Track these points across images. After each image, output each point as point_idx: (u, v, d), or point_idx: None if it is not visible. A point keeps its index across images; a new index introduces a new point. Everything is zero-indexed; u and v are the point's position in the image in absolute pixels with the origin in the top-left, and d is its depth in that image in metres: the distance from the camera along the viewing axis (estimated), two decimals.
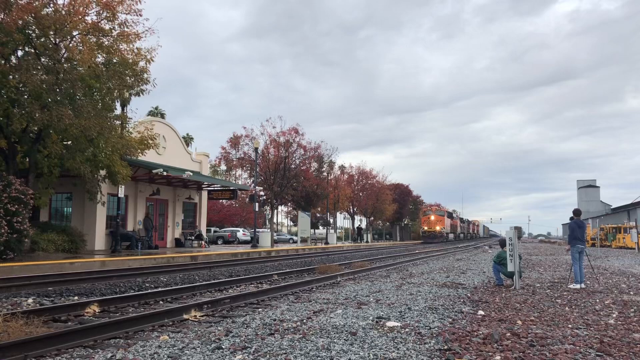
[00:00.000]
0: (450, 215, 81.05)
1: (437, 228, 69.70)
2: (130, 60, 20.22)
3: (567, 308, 8.80)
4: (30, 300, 8.75)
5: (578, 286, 11.87)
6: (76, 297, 9.37)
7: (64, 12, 18.89)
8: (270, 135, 39.30)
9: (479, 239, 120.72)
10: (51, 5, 19.11)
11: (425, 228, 70.74)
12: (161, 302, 9.31)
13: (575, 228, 12.79)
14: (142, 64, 20.63)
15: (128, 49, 20.44)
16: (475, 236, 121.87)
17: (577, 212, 13.05)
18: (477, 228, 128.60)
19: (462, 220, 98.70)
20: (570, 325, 7.09)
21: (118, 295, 9.38)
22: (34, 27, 18.70)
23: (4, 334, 5.74)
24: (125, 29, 20.17)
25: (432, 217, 71.00)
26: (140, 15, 20.16)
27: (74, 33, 19.40)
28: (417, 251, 32.28)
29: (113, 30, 20.12)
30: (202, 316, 7.69)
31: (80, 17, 19.04)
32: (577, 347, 5.67)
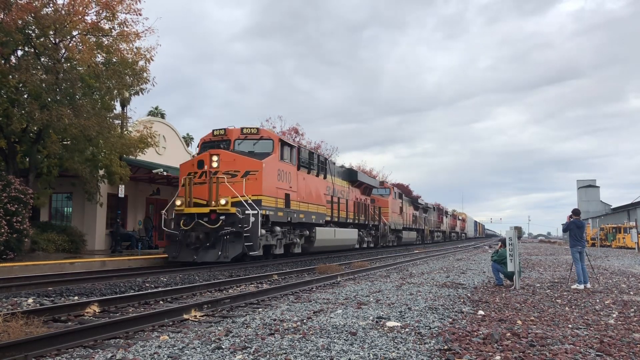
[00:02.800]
0: (349, 174, 30.24)
1: (222, 202, 17.17)
2: (130, 60, 20.24)
3: (567, 308, 8.80)
4: (30, 300, 8.75)
5: (582, 286, 11.86)
6: (76, 297, 9.37)
7: (63, 12, 18.88)
8: None
9: (467, 239, 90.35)
10: (51, 5, 19.12)
11: (178, 204, 17.83)
12: (161, 302, 9.31)
13: (574, 228, 12.79)
14: (141, 63, 20.65)
15: (128, 48, 20.45)
16: (460, 236, 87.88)
17: (576, 212, 13.05)
18: (464, 224, 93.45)
19: (418, 205, 51.63)
20: (570, 325, 7.09)
21: (118, 296, 9.37)
22: (33, 27, 18.72)
23: (4, 334, 5.74)
24: (125, 29, 20.18)
25: (214, 161, 17.71)
26: (140, 15, 20.16)
27: (74, 33, 19.41)
28: (416, 251, 32.29)
29: (113, 30, 20.13)
30: (202, 316, 7.69)
31: (80, 17, 19.04)
32: (577, 347, 5.67)
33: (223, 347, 5.38)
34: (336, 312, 7.74)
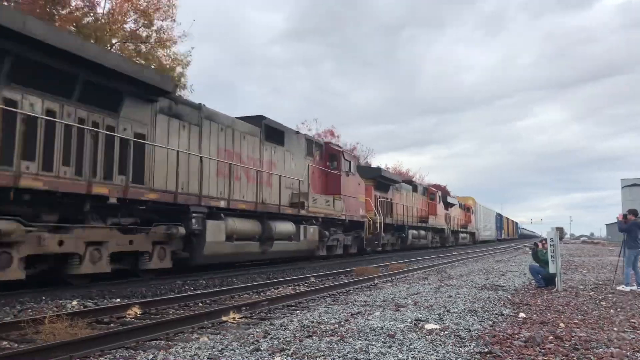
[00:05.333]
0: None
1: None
2: (168, 66, 20.67)
3: (612, 311, 8.56)
4: (74, 302, 8.98)
5: (628, 289, 11.49)
6: (118, 300, 9.57)
7: (103, 21, 19.42)
8: None
9: (479, 244, 55.05)
10: (91, 14, 19.68)
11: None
12: (200, 304, 9.43)
13: (635, 229, 12.14)
14: (179, 69, 21.08)
15: (165, 54, 20.91)
16: (457, 238, 47.25)
17: (634, 212, 12.42)
18: (469, 218, 54.05)
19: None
20: (615, 329, 6.89)
21: (158, 298, 9.54)
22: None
23: (50, 335, 5.91)
24: (162, 35, 20.64)
25: None
26: (174, 21, 20.59)
27: (113, 41, 19.93)
28: (454, 253, 31.89)
29: (150, 38, 20.61)
30: (240, 318, 7.76)
31: (119, 25, 19.56)
32: (624, 351, 5.50)
33: (261, 348, 5.42)
34: (374, 314, 7.70)
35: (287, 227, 17.41)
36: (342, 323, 6.94)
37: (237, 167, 15.31)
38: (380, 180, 28.11)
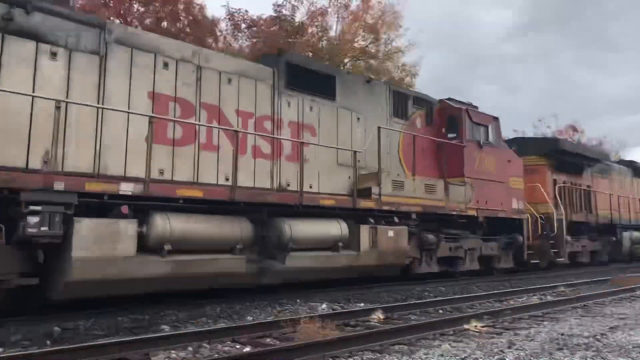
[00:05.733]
0: None
1: None
2: (397, 78, 21.30)
3: None
4: (324, 306, 9.69)
5: None
6: (362, 304, 10.07)
7: (335, 43, 20.89)
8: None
9: None
10: (325, 39, 21.32)
11: None
12: (440, 311, 9.43)
13: None
14: (407, 79, 21.55)
15: (393, 66, 21.59)
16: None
17: None
18: None
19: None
20: None
21: (399, 303, 9.79)
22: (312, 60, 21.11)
23: (305, 334, 6.49)
24: (389, 47, 21.40)
25: None
26: (401, 27, 21.13)
27: (345, 60, 21.26)
28: None
29: (379, 52, 21.50)
30: (482, 327, 7.55)
31: (349, 45, 20.84)
32: None
33: (506, 359, 5.21)
34: (638, 329, 6.85)
35: (323, 228, 10.57)
36: (598, 337, 6.32)
37: (207, 129, 9.31)
38: (560, 157, 19.04)
